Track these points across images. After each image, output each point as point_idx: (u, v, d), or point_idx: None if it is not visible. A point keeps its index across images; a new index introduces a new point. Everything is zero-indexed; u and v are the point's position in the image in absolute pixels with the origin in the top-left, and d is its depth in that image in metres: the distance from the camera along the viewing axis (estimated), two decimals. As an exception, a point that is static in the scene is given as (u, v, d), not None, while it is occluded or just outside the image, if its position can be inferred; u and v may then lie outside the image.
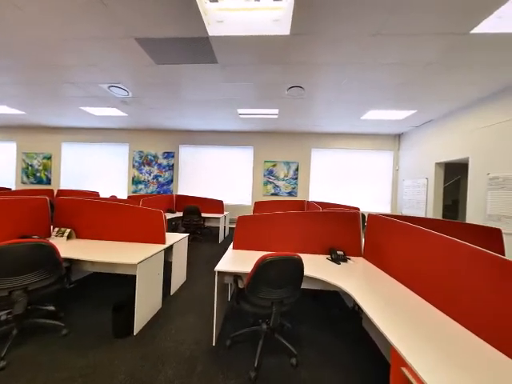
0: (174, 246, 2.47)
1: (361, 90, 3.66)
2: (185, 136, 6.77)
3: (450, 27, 2.22)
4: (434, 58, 2.70)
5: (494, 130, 3.56)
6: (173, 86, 3.72)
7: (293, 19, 2.19)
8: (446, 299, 1.24)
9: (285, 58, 2.84)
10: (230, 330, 1.87)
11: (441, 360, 0.88)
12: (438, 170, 4.86)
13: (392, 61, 2.81)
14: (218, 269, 1.69)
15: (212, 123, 5.85)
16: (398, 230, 1.74)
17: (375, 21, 2.18)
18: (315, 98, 4.02)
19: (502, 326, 0.96)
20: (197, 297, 2.47)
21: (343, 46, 2.59)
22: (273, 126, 5.88)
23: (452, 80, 3.22)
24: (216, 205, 5.45)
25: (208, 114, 5.10)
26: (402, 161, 6.06)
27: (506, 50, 2.53)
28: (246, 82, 3.49)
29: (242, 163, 6.72)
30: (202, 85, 3.66)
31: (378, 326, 1.09)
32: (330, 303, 2.42)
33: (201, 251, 4.20)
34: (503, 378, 0.81)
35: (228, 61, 2.94)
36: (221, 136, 6.67)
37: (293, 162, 6.51)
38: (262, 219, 2.29)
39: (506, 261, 0.98)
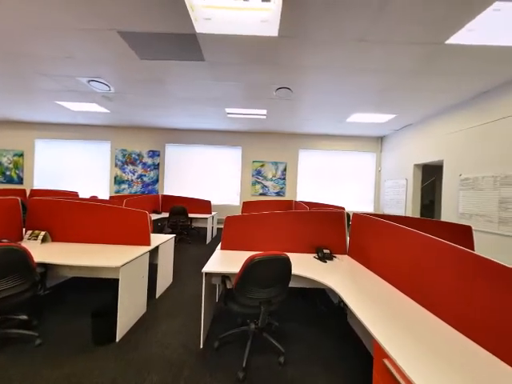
0: (159, 248, 2.39)
1: (346, 94, 3.79)
2: (171, 134, 6.60)
3: (428, 37, 2.36)
4: (413, 65, 2.86)
5: (465, 135, 3.85)
6: (158, 82, 3.61)
7: (281, 21, 2.21)
8: (424, 293, 1.31)
9: (273, 59, 2.86)
10: (218, 331, 1.85)
11: (419, 351, 0.94)
12: (416, 171, 5.15)
13: (375, 66, 2.93)
14: (205, 270, 1.66)
15: (200, 122, 5.75)
16: (380, 228, 1.82)
17: (360, 27, 2.27)
18: (302, 99, 4.09)
19: (474, 318, 1.03)
20: (184, 299, 2.42)
21: (329, 50, 2.66)
22: (261, 126, 5.90)
23: (429, 87, 3.43)
24: (203, 205, 5.37)
25: (195, 112, 5.01)
26: (384, 162, 6.35)
27: (475, 61, 2.74)
28: (234, 81, 3.47)
29: (230, 163, 6.68)
30: (189, 82, 3.59)
31: (361, 320, 1.13)
32: (316, 300, 2.47)
33: (188, 252, 4.11)
34: (473, 363, 0.88)
35: (216, 59, 2.90)
36: (209, 135, 6.58)
37: (281, 163, 6.58)
38: (250, 219, 2.29)
39: (475, 256, 1.06)
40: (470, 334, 1.03)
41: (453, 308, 1.13)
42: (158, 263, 2.42)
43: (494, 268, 0.96)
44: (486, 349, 0.96)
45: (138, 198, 4.74)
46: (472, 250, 1.09)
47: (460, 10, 2.01)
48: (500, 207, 3.22)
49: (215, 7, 2.02)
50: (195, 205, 5.34)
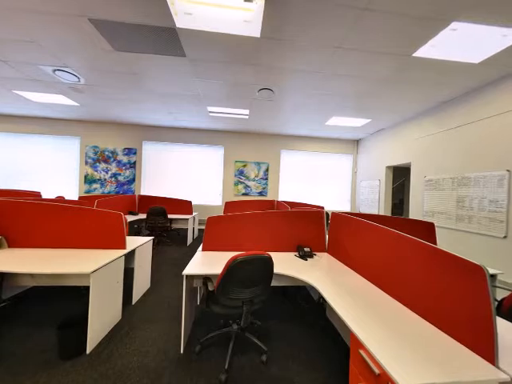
0: (136, 251, 2.27)
1: (325, 98, 3.94)
2: (149, 131, 6.29)
3: (397, 49, 2.56)
4: (385, 74, 3.08)
5: (429, 140, 4.24)
6: (136, 76, 3.42)
7: (263, 22, 2.23)
8: (395, 286, 1.42)
9: (256, 59, 2.87)
10: (199, 334, 1.81)
11: (392, 339, 1.01)
12: (387, 172, 5.55)
13: (351, 73, 3.10)
14: (186, 272, 1.61)
15: (180, 119, 5.56)
16: (356, 226, 1.93)
17: (337, 35, 2.38)
18: (284, 101, 4.17)
19: (436, 307, 1.14)
20: (163, 304, 2.32)
21: (309, 55, 2.75)
22: (244, 126, 5.89)
23: (398, 95, 3.72)
24: (184, 205, 5.20)
25: (176, 109, 4.83)
26: (360, 164, 6.74)
27: (437, 73, 3.03)
28: (217, 79, 3.42)
29: (212, 163, 6.56)
30: (169, 78, 3.45)
31: (339, 314, 1.19)
32: (297, 297, 2.54)
33: (167, 255, 3.96)
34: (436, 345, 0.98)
35: (197, 56, 2.83)
36: (190, 133, 6.39)
37: (263, 163, 6.64)
38: (232, 219, 2.28)
39: (437, 249, 1.17)
40: (435, 321, 1.14)
41: (420, 299, 1.24)
42: (134, 267, 2.29)
43: (452, 260, 1.07)
44: (448, 334, 1.06)
45: (111, 198, 4.43)
46: (435, 245, 1.21)
47: (425, 26, 2.21)
48: (457, 205, 3.60)
49: (196, 2, 1.97)
50: (175, 205, 5.15)
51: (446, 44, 2.44)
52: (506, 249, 2.95)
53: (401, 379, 0.78)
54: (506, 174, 2.95)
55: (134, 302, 2.29)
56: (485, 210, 3.20)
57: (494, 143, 3.15)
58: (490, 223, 3.13)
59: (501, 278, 2.56)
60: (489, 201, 3.15)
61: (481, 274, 0.93)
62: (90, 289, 1.61)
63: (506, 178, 2.95)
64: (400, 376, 0.80)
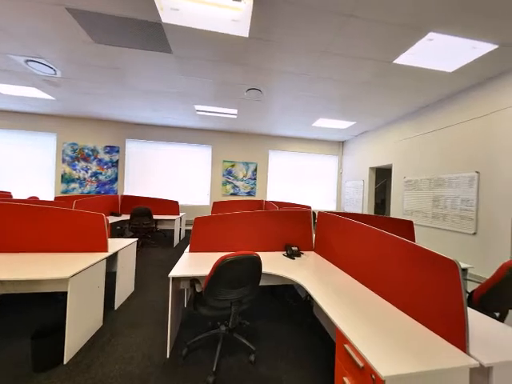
0: (118, 254, 2.17)
1: (312, 100, 4.03)
2: (133, 129, 6.05)
3: (380, 55, 2.68)
4: (368, 78, 3.21)
5: (409, 143, 4.49)
6: (118, 71, 3.27)
7: (251, 22, 2.24)
8: (378, 282, 1.49)
9: (244, 59, 2.87)
10: (187, 337, 1.77)
11: (375, 334, 1.05)
12: (371, 173, 5.79)
13: (336, 77, 3.19)
14: (172, 274, 1.57)
15: (166, 117, 5.41)
16: (341, 225, 1.99)
17: (324, 39, 2.44)
18: (272, 102, 4.20)
19: (414, 300, 1.21)
20: (147, 307, 2.24)
21: (297, 57, 2.79)
22: (232, 125, 5.86)
23: (380, 99, 3.89)
24: (170, 206, 5.06)
25: (161, 107, 4.69)
26: (345, 165, 6.96)
27: (416, 80, 3.21)
28: (205, 78, 3.37)
29: (199, 162, 6.46)
30: (154, 75, 3.35)
31: (325, 311, 1.22)
32: (285, 296, 2.57)
33: (153, 257, 3.83)
34: (414, 337, 1.03)
35: (184, 53, 2.77)
36: (176, 132, 6.24)
37: (251, 163, 6.64)
38: (220, 219, 2.25)
39: (415, 246, 1.24)
40: (414, 314, 1.21)
41: (400, 293, 1.30)
42: (117, 271, 2.19)
43: (429, 256, 1.14)
44: (425, 326, 1.13)
45: (91, 198, 4.21)
46: (413, 242, 1.28)
47: (404, 35, 2.33)
48: (433, 205, 3.84)
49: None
50: (161, 206, 5.00)
51: (423, 53, 2.59)
52: (475, 244, 3.20)
53: (382, 370, 0.82)
54: (476, 175, 3.20)
55: (117, 307, 2.19)
56: (457, 208, 3.44)
57: (465, 147, 3.40)
58: (461, 221, 3.38)
59: (471, 272, 2.76)
60: (461, 200, 3.40)
61: (454, 269, 1.00)
62: (67, 295, 1.52)
63: (476, 179, 3.20)
64: (382, 368, 0.84)
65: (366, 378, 0.91)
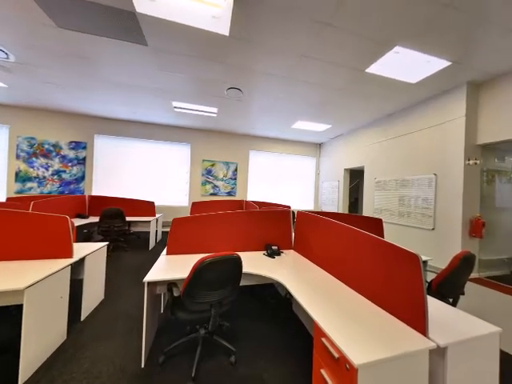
0: (85, 260, 1.99)
1: (291, 102, 4.14)
2: (103, 124, 5.60)
3: (353, 64, 2.85)
4: (343, 85, 3.40)
5: (378, 147, 4.85)
6: (87, 60, 3.01)
7: (232, 21, 2.22)
8: (350, 276, 1.58)
9: (225, 58, 2.84)
10: (164, 344, 1.69)
11: (348, 325, 1.12)
12: (345, 174, 6.14)
13: (314, 81, 3.32)
14: (147, 279, 1.49)
15: (141, 113, 5.11)
16: (318, 224, 2.08)
17: (303, 43, 2.52)
18: (253, 102, 4.22)
19: (382, 291, 1.31)
20: (120, 316, 2.09)
21: (276, 59, 2.85)
22: (212, 124, 5.75)
23: (353, 105, 4.15)
24: (146, 207, 4.79)
25: (136, 101, 4.42)
26: (322, 166, 7.28)
27: (384, 89, 3.49)
28: (183, 73, 3.26)
29: (177, 161, 6.22)
30: (127, 67, 3.14)
31: (303, 307, 1.26)
32: (265, 295, 2.60)
33: (126, 261, 3.59)
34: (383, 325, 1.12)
35: (161, 46, 2.65)
36: (152, 129, 5.93)
37: (232, 163, 6.59)
38: (199, 220, 2.20)
39: (383, 241, 1.35)
40: (382, 304, 1.31)
41: (370, 285, 1.40)
42: (83, 278, 2.00)
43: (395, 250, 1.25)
44: (392, 314, 1.23)
45: (53, 199, 3.80)
46: (382, 238, 1.38)
47: (375, 46, 2.51)
48: (399, 203, 4.21)
49: (160, -11, 1.85)
50: (135, 206, 4.71)
51: (391, 64, 2.83)
52: (433, 239, 3.58)
53: (355, 359, 0.88)
54: (434, 177, 3.59)
55: (84, 318, 2.01)
56: (419, 207, 3.82)
57: (425, 151, 3.79)
58: (422, 218, 3.75)
59: (430, 263, 3.09)
60: (421, 199, 3.78)
61: (416, 261, 1.10)
62: (22, 308, 1.35)
63: (434, 181, 3.58)
64: (355, 357, 0.89)
65: (341, 368, 0.96)
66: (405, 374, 0.94)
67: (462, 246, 3.20)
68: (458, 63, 2.78)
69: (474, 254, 1.67)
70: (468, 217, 3.23)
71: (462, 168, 3.22)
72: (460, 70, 2.93)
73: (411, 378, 0.95)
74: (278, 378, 1.47)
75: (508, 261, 3.55)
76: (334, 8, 2.03)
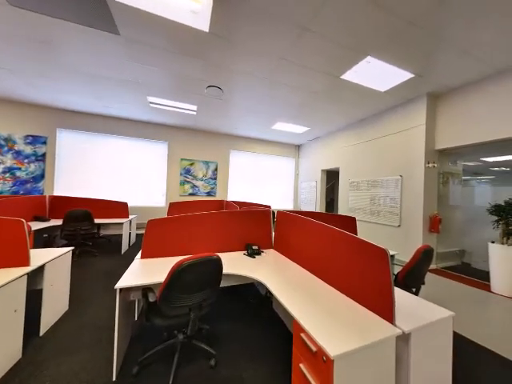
0: (45, 267, 1.79)
1: (271, 103, 4.20)
2: (68, 117, 5.10)
3: (329, 70, 2.99)
4: (320, 89, 3.54)
5: (352, 149, 5.16)
6: (48, 45, 2.71)
7: (212, 19, 2.18)
8: (327, 272, 1.65)
9: (204, 55, 2.77)
10: (138, 353, 1.60)
11: (325, 319, 1.17)
12: (322, 175, 6.42)
13: (293, 84, 3.42)
14: (120, 285, 1.39)
15: (112, 106, 4.75)
16: (297, 223, 2.14)
17: (282, 46, 2.57)
18: (233, 102, 4.19)
19: (355, 285, 1.40)
20: (87, 327, 1.92)
21: (257, 60, 2.87)
22: (191, 122, 5.58)
23: (329, 109, 4.36)
24: (118, 208, 4.46)
25: (107, 94, 4.10)
26: (301, 167, 7.51)
27: (357, 95, 3.72)
28: (159, 67, 3.11)
29: (154, 159, 5.92)
30: (97, 56, 2.90)
31: (283, 304, 1.29)
32: (245, 294, 2.60)
33: (95, 267, 3.30)
34: (357, 317, 1.20)
35: (135, 37, 2.50)
36: (126, 124, 5.56)
37: (212, 162, 6.47)
38: (177, 221, 2.11)
39: (356, 238, 1.44)
40: (356, 297, 1.39)
41: (345, 280, 1.48)
42: (43, 288, 1.80)
43: (366, 246, 1.34)
44: (364, 306, 1.32)
45: (5, 200, 3.34)
46: (355, 235, 1.48)
47: (349, 54, 2.67)
48: (370, 203, 4.53)
49: (134, -24, 1.74)
50: (106, 208, 4.36)
51: (363, 72, 3.02)
52: (399, 235, 3.92)
53: (331, 351, 0.92)
54: (400, 178, 3.93)
55: (43, 333, 1.80)
56: (387, 205, 4.15)
57: (392, 155, 4.13)
58: (390, 216, 4.08)
59: (397, 257, 3.38)
60: (390, 199, 4.11)
61: (384, 255, 1.20)
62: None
63: (400, 181, 3.93)
64: (331, 349, 0.94)
65: (318, 360, 1.00)
66: (375, 360, 1.01)
67: (423, 240, 3.55)
68: (419, 76, 3.08)
69: (433, 247, 1.87)
70: (428, 214, 3.60)
71: (423, 170, 3.58)
72: (421, 82, 3.25)
73: (380, 363, 1.03)
74: (258, 376, 1.48)
75: (459, 253, 4.05)
76: (312, 14, 2.11)
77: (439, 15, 2.08)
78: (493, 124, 3.03)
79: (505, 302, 2.64)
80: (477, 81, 3.18)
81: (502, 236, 2.90)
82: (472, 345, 1.83)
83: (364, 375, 0.99)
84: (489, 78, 3.06)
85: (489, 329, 2.08)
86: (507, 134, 2.89)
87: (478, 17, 2.10)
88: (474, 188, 4.22)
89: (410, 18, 2.12)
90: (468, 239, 3.96)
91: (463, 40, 2.39)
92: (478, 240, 3.65)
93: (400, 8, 2.01)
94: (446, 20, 2.14)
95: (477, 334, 1.96)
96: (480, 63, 2.79)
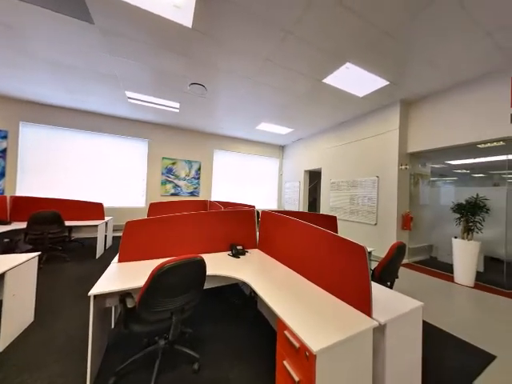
0: (6, 276, 1.62)
1: (255, 104, 4.22)
2: (33, 110, 4.66)
3: (312, 73, 3.08)
4: (303, 91, 3.64)
5: (333, 151, 5.37)
6: (9, 29, 2.46)
7: (195, 13, 2.13)
8: (310, 270, 1.70)
9: (188, 51, 2.70)
10: (116, 363, 1.50)
11: (308, 316, 1.20)
12: (305, 175, 6.59)
13: (277, 85, 3.46)
14: (94, 292, 1.30)
15: (85, 100, 4.44)
16: (281, 222, 2.17)
17: (267, 48, 2.60)
18: (218, 100, 4.14)
19: (337, 281, 1.46)
20: (56, 339, 1.77)
21: (241, 61, 2.86)
22: (174, 120, 5.40)
23: (312, 111, 4.49)
24: (92, 209, 4.17)
25: (80, 87, 3.82)
26: (284, 167, 7.64)
27: (338, 99, 3.87)
28: (139, 61, 2.97)
29: (133, 158, 5.63)
30: (68, 45, 2.69)
31: (267, 303, 1.30)
32: (230, 295, 2.58)
33: (65, 273, 3.05)
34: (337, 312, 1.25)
35: (112, 28, 2.36)
36: (101, 120, 5.22)
37: (195, 161, 6.32)
38: (159, 222, 2.03)
39: (337, 236, 1.50)
40: (337, 293, 1.45)
41: (327, 277, 1.54)
42: (3, 299, 1.62)
43: (346, 243, 1.41)
44: (345, 301, 1.38)
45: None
46: (336, 233, 1.53)
47: (331, 60, 2.77)
48: (350, 202, 4.75)
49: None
50: (78, 209, 4.05)
51: (343, 78, 3.16)
52: (376, 232, 4.16)
53: (314, 346, 0.95)
54: (376, 179, 4.17)
55: (3, 348, 1.63)
56: (365, 205, 4.38)
57: (370, 157, 4.37)
58: (368, 215, 4.32)
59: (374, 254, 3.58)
60: (367, 198, 4.34)
61: (362, 252, 1.26)
62: None
63: (376, 182, 4.17)
64: (313, 344, 0.96)
65: (301, 356, 1.02)
66: (354, 352, 1.06)
67: (397, 237, 3.81)
68: (394, 83, 3.30)
69: (405, 243, 2.01)
70: (401, 213, 3.87)
71: (396, 172, 3.84)
72: (395, 90, 3.49)
73: (359, 354, 1.08)
74: (243, 377, 1.48)
75: (428, 248, 4.40)
76: (296, 18, 2.16)
77: (411, 28, 2.25)
78: (457, 130, 3.35)
79: (466, 292, 2.92)
80: (443, 90, 3.48)
81: (463, 232, 3.21)
82: (438, 331, 2.00)
83: (344, 367, 1.03)
84: (453, 88, 3.37)
85: (452, 316, 2.29)
86: (469, 139, 3.22)
87: (442, 33, 2.30)
88: (440, 188, 4.63)
89: (386, 29, 2.26)
90: (435, 235, 4.32)
91: (430, 52, 2.61)
92: (443, 236, 4.00)
93: (377, 18, 2.14)
94: (416, 33, 2.32)
95: (442, 321, 2.15)
96: (445, 74, 3.06)
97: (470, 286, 3.06)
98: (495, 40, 2.37)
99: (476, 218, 3.12)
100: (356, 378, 1.07)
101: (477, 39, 2.37)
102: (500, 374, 1.53)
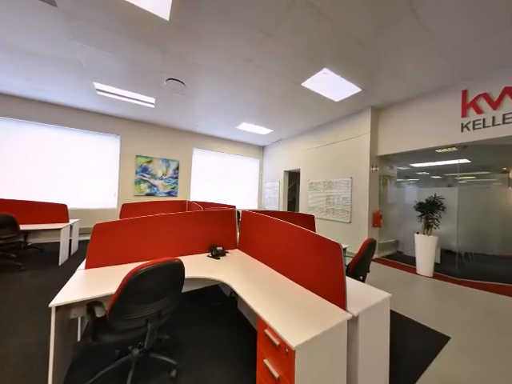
0: None
1: (236, 103, 4.19)
2: (-22, 98, 4.04)
3: (291, 76, 3.16)
4: (283, 93, 3.71)
5: (311, 152, 5.57)
6: None
7: (173, 7, 2.05)
8: (289, 268, 1.74)
9: (164, 44, 2.59)
10: (83, 379, 1.38)
11: (288, 314, 1.23)
12: (285, 176, 6.74)
13: (257, 86, 3.49)
14: (56, 302, 1.17)
15: (47, 90, 3.99)
16: (261, 222, 2.19)
17: (248, 48, 2.60)
18: (197, 98, 4.03)
19: (315, 278, 1.52)
20: (8, 359, 1.55)
21: (221, 59, 2.82)
22: (149, 116, 5.12)
23: (291, 113, 4.61)
24: (53, 211, 3.76)
25: (41, 75, 3.43)
26: (265, 167, 7.72)
27: (315, 102, 4.03)
28: (109, 52, 2.76)
29: (102, 155, 5.21)
30: (23, 26, 2.39)
31: (247, 303, 1.30)
32: (209, 297, 2.53)
33: (21, 284, 2.71)
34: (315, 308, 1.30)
35: (77, 12, 2.16)
36: (65, 113, 4.74)
37: (173, 160, 6.07)
38: (131, 224, 1.91)
39: (314, 234, 1.56)
40: (315, 289, 1.50)
41: (306, 275, 1.59)
42: None
43: (322, 241, 1.47)
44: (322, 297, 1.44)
45: None
46: (314, 231, 1.59)
47: (309, 64, 2.87)
48: (326, 202, 4.97)
49: None
50: (37, 211, 3.62)
51: (321, 82, 3.30)
52: (350, 230, 4.42)
53: (293, 342, 0.98)
54: (350, 180, 4.43)
55: None
56: (340, 204, 4.62)
57: (344, 159, 4.63)
58: (342, 213, 4.56)
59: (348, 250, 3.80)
60: (342, 198, 4.59)
61: (337, 249, 1.33)
62: None
63: (350, 183, 4.42)
64: (292, 340, 0.99)
65: (281, 353, 1.04)
66: (330, 344, 1.11)
67: (368, 234, 4.09)
68: (365, 90, 3.53)
69: (376, 239, 2.17)
70: (372, 211, 4.17)
71: (368, 173, 4.12)
72: (367, 96, 3.74)
73: (335, 346, 1.14)
74: (223, 380, 1.46)
75: (395, 243, 4.80)
76: (275, 21, 2.19)
77: (379, 40, 2.44)
78: (419, 136, 3.71)
79: (426, 282, 3.25)
80: (408, 99, 3.83)
81: (424, 228, 3.57)
82: (402, 318, 2.20)
83: (321, 360, 1.08)
84: (416, 98, 3.73)
85: (414, 304, 2.54)
86: (429, 145, 3.59)
87: (404, 49, 2.53)
88: (405, 189, 5.09)
89: (359, 38, 2.41)
90: (401, 231, 4.74)
91: (394, 64, 2.85)
92: (407, 232, 4.40)
93: (350, 27, 2.27)
94: (383, 45, 2.51)
95: (406, 309, 2.36)
96: (409, 86, 3.37)
97: (430, 276, 3.41)
98: (449, 58, 2.67)
99: (434, 215, 3.49)
100: (332, 369, 1.12)
101: (433, 56, 2.66)
102: (454, 352, 1.74)
